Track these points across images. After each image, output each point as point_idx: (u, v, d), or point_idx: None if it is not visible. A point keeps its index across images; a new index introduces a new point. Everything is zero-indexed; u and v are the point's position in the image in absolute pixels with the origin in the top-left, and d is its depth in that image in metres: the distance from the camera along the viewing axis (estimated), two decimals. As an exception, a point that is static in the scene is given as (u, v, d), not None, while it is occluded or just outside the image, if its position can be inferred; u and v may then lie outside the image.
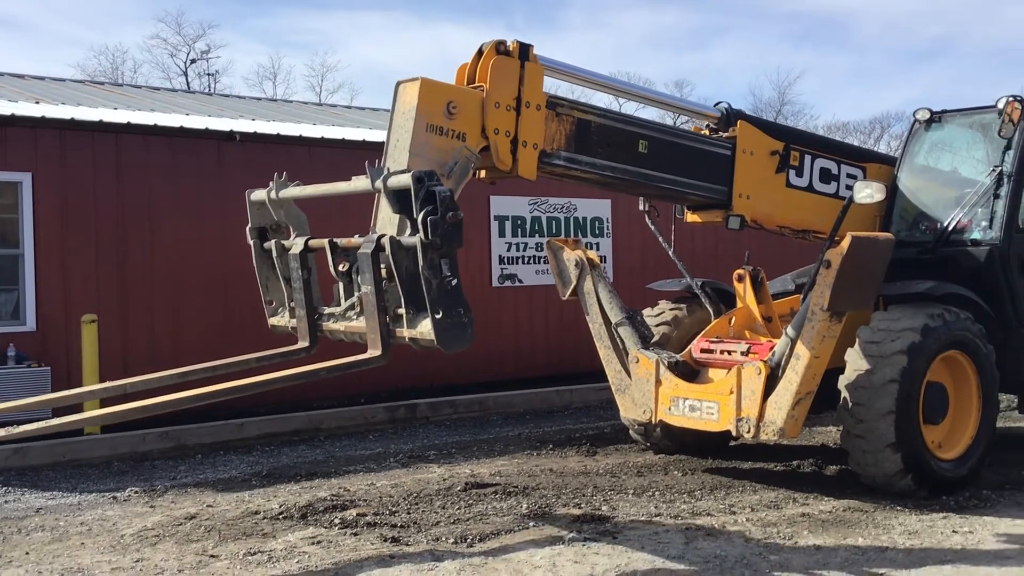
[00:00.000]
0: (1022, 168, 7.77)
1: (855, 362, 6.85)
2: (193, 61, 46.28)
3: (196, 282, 10.00)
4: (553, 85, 7.09)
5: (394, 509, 6.72)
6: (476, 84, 6.36)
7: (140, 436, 8.87)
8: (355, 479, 7.78)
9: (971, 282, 7.61)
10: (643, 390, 7.52)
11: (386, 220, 5.76)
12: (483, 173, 6.61)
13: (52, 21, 61.76)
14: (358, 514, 6.54)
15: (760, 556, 5.68)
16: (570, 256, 7.63)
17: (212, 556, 5.77)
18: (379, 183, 5.43)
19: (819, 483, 7.50)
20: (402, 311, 5.45)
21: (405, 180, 5.27)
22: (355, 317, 5.84)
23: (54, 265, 9.37)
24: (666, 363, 7.42)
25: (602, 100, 32.81)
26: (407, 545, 5.91)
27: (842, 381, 6.86)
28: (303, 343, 6.21)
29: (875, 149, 32.70)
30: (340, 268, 5.87)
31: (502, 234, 12.19)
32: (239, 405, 8.98)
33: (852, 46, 72.01)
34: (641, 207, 8.13)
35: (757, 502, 6.94)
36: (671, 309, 8.53)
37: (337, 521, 6.41)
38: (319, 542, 6.00)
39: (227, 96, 18.72)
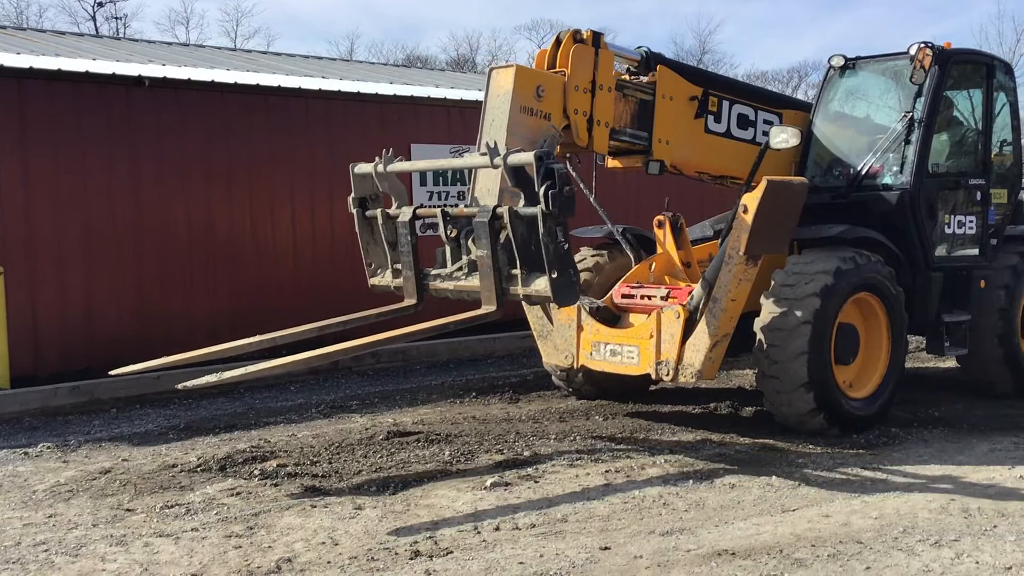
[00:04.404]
0: (932, 114, 7.93)
1: (770, 305, 6.98)
2: (101, 5, 44.55)
3: (106, 232, 9.67)
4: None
5: (315, 459, 6.67)
6: (557, 69, 6.96)
7: (51, 391, 8.63)
8: (276, 430, 7.70)
9: (882, 226, 7.79)
10: (565, 336, 7.57)
11: (484, 191, 6.35)
12: (558, 148, 7.00)
13: (-51, -38, 58.69)
14: (278, 465, 6.48)
15: (677, 496, 5.79)
16: (491, 203, 7.59)
17: (128, 510, 5.66)
18: (499, 160, 5.86)
19: (736, 424, 7.67)
20: (516, 272, 5.99)
21: (527, 158, 5.78)
22: (463, 277, 6.39)
23: (-46, 216, 8.98)
24: (587, 309, 7.47)
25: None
26: (328, 494, 5.89)
27: (758, 323, 6.99)
28: (410, 301, 6.72)
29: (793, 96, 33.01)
30: (449, 234, 6.42)
31: (423, 183, 11.93)
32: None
33: (769, -8, 72.60)
34: (561, 153, 8.12)
35: (676, 444, 7.07)
36: (592, 255, 8.57)
37: (257, 472, 6.34)
38: (238, 493, 5.94)
39: (136, 41, 18.01)
